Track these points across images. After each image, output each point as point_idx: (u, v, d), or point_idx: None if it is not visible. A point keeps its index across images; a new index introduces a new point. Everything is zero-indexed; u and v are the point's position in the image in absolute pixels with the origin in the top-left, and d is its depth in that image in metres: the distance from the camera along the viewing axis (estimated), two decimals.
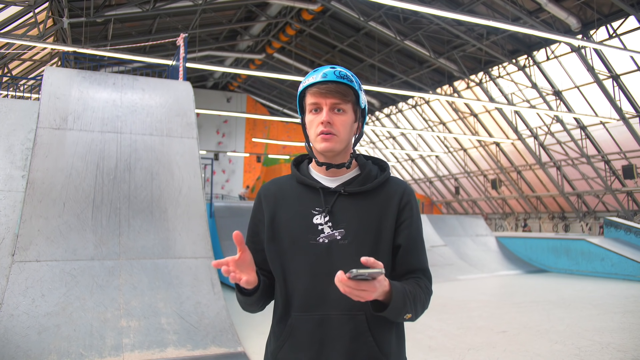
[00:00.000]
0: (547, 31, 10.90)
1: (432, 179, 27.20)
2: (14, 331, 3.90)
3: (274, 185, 1.42)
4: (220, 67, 15.73)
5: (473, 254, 13.02)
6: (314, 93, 1.30)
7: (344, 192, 1.32)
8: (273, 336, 1.35)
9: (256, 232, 1.40)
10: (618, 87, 14.45)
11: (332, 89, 1.28)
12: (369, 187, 1.33)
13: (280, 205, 1.36)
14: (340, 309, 1.24)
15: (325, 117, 1.28)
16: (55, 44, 11.72)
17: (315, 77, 1.30)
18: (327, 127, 1.28)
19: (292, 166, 1.43)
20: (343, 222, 1.29)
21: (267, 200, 1.38)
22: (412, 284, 1.29)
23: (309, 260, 1.28)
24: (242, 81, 25.53)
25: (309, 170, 1.40)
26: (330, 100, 1.29)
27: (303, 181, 1.36)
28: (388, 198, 1.34)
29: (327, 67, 1.32)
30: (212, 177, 12.52)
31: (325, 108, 1.29)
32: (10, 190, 4.81)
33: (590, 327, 5.91)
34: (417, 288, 1.27)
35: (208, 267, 4.99)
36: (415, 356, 4.75)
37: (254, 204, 1.42)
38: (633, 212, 17.53)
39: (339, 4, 15.37)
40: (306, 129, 1.36)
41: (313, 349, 1.25)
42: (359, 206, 1.32)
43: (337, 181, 1.35)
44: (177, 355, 4.16)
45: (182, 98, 6.09)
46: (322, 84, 1.29)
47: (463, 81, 18.96)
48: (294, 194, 1.36)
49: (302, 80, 1.36)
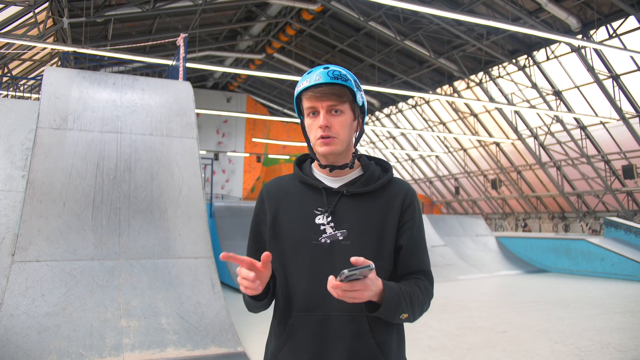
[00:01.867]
0: (547, 31, 10.90)
1: (432, 179, 27.20)
2: (14, 331, 3.90)
3: (276, 185, 1.41)
4: (220, 67, 15.72)
5: (473, 254, 13.02)
6: (310, 97, 1.29)
7: (347, 193, 1.31)
8: (274, 336, 1.35)
9: (258, 232, 1.40)
10: (618, 87, 14.45)
11: (326, 92, 1.27)
12: (372, 188, 1.32)
13: (283, 205, 1.35)
14: (341, 310, 1.24)
15: (322, 121, 1.27)
16: (55, 44, 11.72)
17: (309, 80, 1.28)
18: (326, 131, 1.27)
19: (294, 165, 1.42)
20: (345, 222, 1.29)
21: (270, 200, 1.37)
22: (410, 284, 1.28)
23: (311, 261, 1.28)
24: (242, 81, 25.53)
25: (311, 169, 1.39)
26: (326, 103, 1.27)
27: (306, 181, 1.35)
28: (391, 199, 1.33)
29: (320, 68, 1.30)
30: (212, 177, 12.52)
31: (322, 111, 1.28)
32: (10, 190, 4.81)
33: (590, 327, 5.91)
34: (414, 288, 1.27)
35: (208, 267, 4.99)
36: (415, 356, 4.75)
37: (257, 203, 1.41)
38: (633, 212, 17.54)
39: (339, 4, 15.36)
40: (306, 132, 1.35)
41: (314, 349, 1.25)
42: (362, 207, 1.31)
43: (340, 181, 1.35)
44: (177, 355, 4.16)
45: (182, 98, 6.09)
46: (317, 87, 1.27)
47: (463, 81, 18.96)
48: (296, 194, 1.35)
49: (298, 81, 1.35)
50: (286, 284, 1.31)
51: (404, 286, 1.24)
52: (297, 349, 1.27)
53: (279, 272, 1.32)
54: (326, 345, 1.25)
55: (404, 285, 1.25)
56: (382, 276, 1.28)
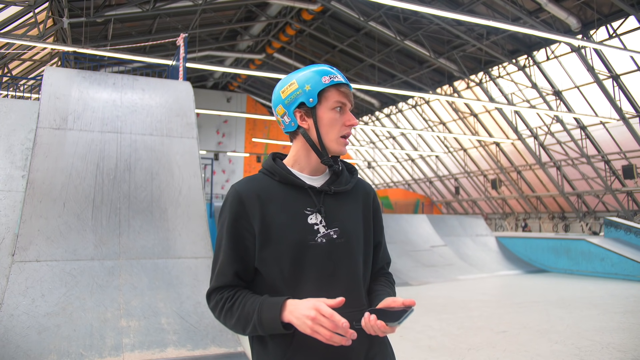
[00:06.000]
0: (547, 31, 10.89)
1: (432, 179, 27.20)
2: (14, 331, 3.90)
3: (253, 185, 1.30)
4: (220, 67, 15.71)
5: (473, 254, 13.02)
6: (342, 93, 1.30)
7: (331, 192, 1.32)
8: (271, 344, 1.24)
9: (239, 239, 1.26)
10: (618, 87, 14.44)
11: (351, 95, 1.33)
12: (350, 186, 1.36)
13: (268, 207, 1.26)
14: (344, 308, 1.19)
15: (355, 121, 1.32)
16: (55, 44, 11.71)
17: (340, 77, 1.31)
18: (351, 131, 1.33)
19: (271, 164, 1.33)
20: (336, 221, 1.29)
21: (250, 203, 1.26)
22: (387, 283, 1.39)
23: (312, 263, 1.25)
24: (242, 81, 25.53)
25: (288, 169, 1.33)
26: (350, 105, 1.33)
27: (289, 181, 1.30)
28: (365, 197, 1.40)
29: (333, 69, 1.33)
30: (212, 177, 12.51)
31: (348, 111, 1.32)
32: (10, 190, 4.81)
33: (590, 327, 5.91)
34: (392, 286, 1.40)
35: (208, 267, 4.98)
36: (415, 356, 4.75)
37: (230, 207, 1.27)
38: (633, 212, 17.53)
39: (339, 4, 15.36)
40: (318, 123, 1.29)
41: (328, 352, 1.20)
42: (345, 205, 1.34)
43: (318, 180, 1.35)
44: (177, 355, 4.16)
45: (182, 98, 6.09)
46: (348, 87, 1.32)
47: (463, 81, 18.96)
48: (279, 194, 1.28)
49: (315, 71, 1.30)
50: (285, 288, 1.24)
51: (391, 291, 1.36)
52: (311, 354, 1.21)
53: (277, 277, 1.25)
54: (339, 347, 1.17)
55: (388, 288, 1.37)
56: (368, 272, 1.39)
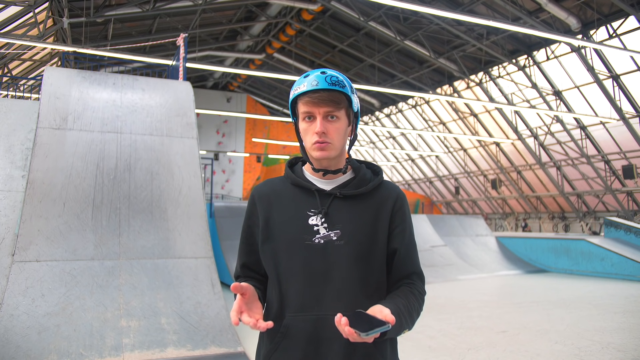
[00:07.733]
0: (547, 31, 10.89)
1: (432, 179, 27.20)
2: (14, 331, 3.90)
3: (267, 187, 1.41)
4: (220, 67, 15.70)
5: (473, 254, 13.02)
6: (306, 102, 1.28)
7: (340, 195, 1.32)
8: (266, 338, 1.33)
9: (251, 234, 1.40)
10: (618, 87, 14.45)
11: (324, 98, 1.26)
12: (364, 190, 1.34)
13: (275, 207, 1.35)
14: (335, 310, 1.21)
15: (319, 127, 1.27)
16: (55, 44, 11.71)
17: (306, 84, 1.28)
18: (322, 137, 1.27)
19: (286, 168, 1.43)
20: (339, 223, 1.30)
21: (261, 202, 1.37)
22: (406, 293, 1.29)
23: (305, 261, 1.28)
24: (242, 81, 25.52)
25: (303, 172, 1.40)
26: (324, 109, 1.27)
27: (298, 183, 1.36)
28: (382, 201, 1.35)
29: (317, 72, 1.29)
30: (212, 177, 12.52)
31: (319, 117, 1.28)
32: (10, 190, 4.81)
33: (590, 327, 5.91)
34: (410, 297, 1.29)
35: (208, 267, 4.98)
36: (415, 356, 4.75)
37: (248, 206, 1.42)
38: (633, 212, 17.53)
39: (339, 4, 15.36)
40: (300, 135, 1.35)
41: (309, 348, 1.25)
42: (354, 208, 1.32)
43: (332, 184, 1.36)
44: (177, 355, 4.16)
45: (182, 98, 6.09)
46: (314, 93, 1.27)
47: (463, 81, 18.96)
48: (288, 196, 1.36)
49: (294, 83, 1.34)
50: (279, 285, 1.30)
51: (401, 301, 1.24)
52: (292, 349, 1.26)
53: (272, 273, 1.32)
54: (321, 345, 1.24)
55: (401, 298, 1.26)
56: (375, 277, 1.31)
